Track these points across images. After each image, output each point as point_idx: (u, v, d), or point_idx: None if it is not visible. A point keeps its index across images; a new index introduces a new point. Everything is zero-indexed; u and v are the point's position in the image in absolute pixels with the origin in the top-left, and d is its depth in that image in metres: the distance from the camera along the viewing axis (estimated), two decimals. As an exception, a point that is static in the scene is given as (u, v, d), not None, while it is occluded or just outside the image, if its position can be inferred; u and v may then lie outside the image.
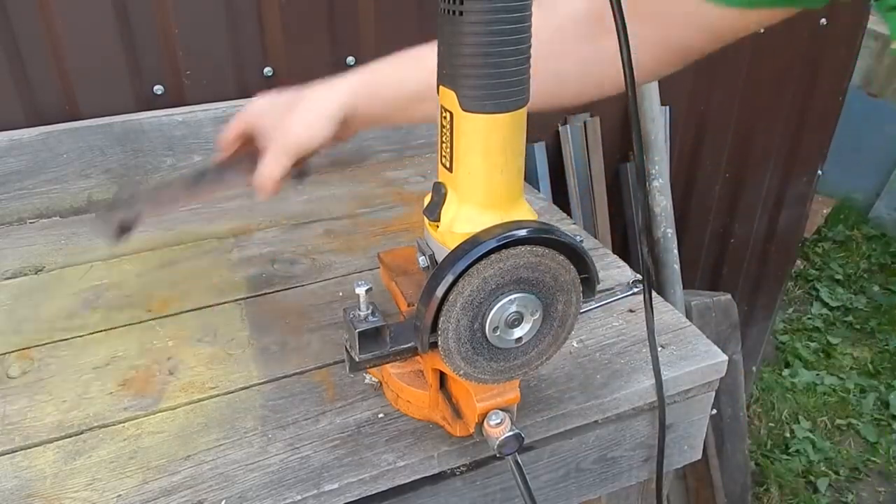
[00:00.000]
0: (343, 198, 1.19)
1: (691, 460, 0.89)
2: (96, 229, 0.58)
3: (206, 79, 1.19)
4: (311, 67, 1.25)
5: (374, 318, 0.62)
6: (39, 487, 0.65)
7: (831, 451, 2.20)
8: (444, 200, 0.60)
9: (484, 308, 0.56)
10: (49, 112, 1.12)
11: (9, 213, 1.10)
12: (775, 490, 2.10)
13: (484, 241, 0.54)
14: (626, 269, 0.97)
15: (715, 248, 2.03)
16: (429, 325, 0.56)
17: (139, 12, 1.11)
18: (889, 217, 3.17)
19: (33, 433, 0.71)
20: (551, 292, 0.59)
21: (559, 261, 0.58)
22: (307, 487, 0.64)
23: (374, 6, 1.25)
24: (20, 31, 1.06)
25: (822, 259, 3.10)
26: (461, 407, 0.66)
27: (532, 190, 1.36)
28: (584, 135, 1.59)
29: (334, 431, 0.70)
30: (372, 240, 1.06)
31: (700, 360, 0.80)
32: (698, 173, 1.84)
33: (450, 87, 0.55)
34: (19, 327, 0.87)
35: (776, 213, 2.05)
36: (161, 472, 0.66)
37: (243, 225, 1.10)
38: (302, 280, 0.96)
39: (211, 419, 0.72)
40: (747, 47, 1.68)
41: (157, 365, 0.80)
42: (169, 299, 0.92)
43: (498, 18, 0.51)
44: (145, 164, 1.16)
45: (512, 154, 0.58)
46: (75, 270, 0.99)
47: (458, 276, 0.54)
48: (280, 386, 0.77)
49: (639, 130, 0.58)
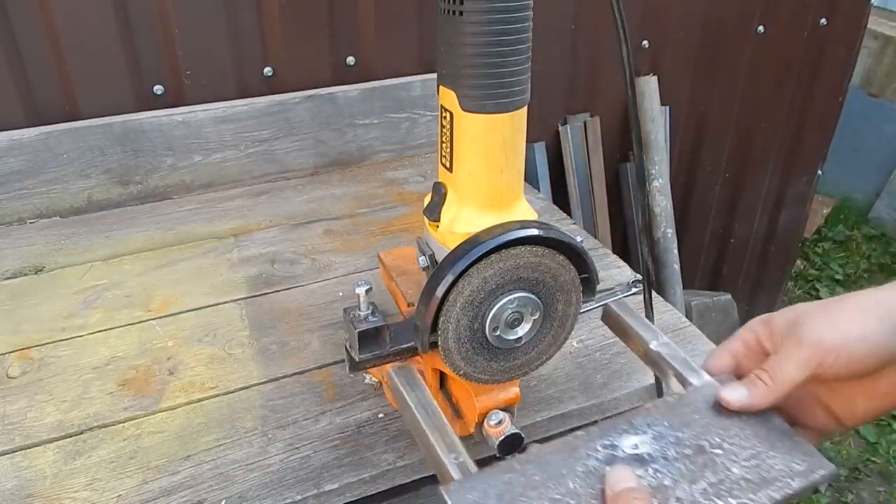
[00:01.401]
0: (343, 198, 1.19)
1: (691, 460, 0.89)
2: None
3: (206, 79, 1.19)
4: (312, 67, 1.25)
5: (374, 318, 0.62)
6: (39, 487, 0.64)
7: (831, 451, 2.20)
8: (444, 200, 0.60)
9: (484, 308, 0.56)
10: (49, 112, 1.12)
11: (9, 213, 1.10)
12: (775, 490, 2.10)
13: (484, 241, 0.54)
14: (626, 269, 0.97)
15: (715, 248, 2.03)
16: (429, 325, 0.56)
17: (139, 12, 1.11)
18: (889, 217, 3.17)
19: (33, 433, 0.71)
20: (551, 292, 0.59)
21: (559, 261, 0.58)
22: (307, 487, 0.64)
23: (374, 6, 1.25)
24: (20, 32, 1.06)
25: (822, 259, 3.10)
26: (461, 407, 0.66)
27: (532, 190, 1.36)
28: (584, 135, 1.59)
29: (334, 431, 0.70)
30: (372, 240, 1.06)
31: (700, 360, 0.80)
32: (698, 173, 1.84)
33: (450, 87, 0.55)
34: (19, 327, 0.87)
35: (776, 213, 2.05)
36: (161, 472, 0.66)
37: (243, 225, 1.10)
38: (302, 280, 0.96)
39: (211, 419, 0.72)
40: (747, 47, 1.68)
41: (157, 365, 0.80)
42: (169, 299, 0.92)
43: (498, 18, 0.51)
44: (145, 164, 1.16)
45: (512, 154, 0.58)
46: (75, 270, 0.99)
47: (458, 276, 0.54)
48: (280, 386, 0.77)
49: (639, 130, 0.58)
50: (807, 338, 0.49)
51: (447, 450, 0.50)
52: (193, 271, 0.98)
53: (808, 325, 0.49)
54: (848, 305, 0.49)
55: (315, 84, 1.24)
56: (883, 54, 3.14)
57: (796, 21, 1.71)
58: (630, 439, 0.49)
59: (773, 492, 0.46)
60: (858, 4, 1.77)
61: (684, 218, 1.88)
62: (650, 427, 0.50)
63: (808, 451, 0.48)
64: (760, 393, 0.50)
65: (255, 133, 1.21)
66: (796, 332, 0.49)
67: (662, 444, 0.48)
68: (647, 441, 0.48)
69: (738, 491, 0.45)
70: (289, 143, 1.24)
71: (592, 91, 1.57)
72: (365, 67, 1.29)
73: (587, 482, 0.45)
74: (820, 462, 0.48)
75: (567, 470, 0.46)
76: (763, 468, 0.47)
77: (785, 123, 1.88)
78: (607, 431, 0.49)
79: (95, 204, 1.15)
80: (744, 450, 0.48)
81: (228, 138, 1.19)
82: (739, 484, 0.46)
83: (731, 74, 1.71)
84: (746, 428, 0.50)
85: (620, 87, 1.59)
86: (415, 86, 1.29)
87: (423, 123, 1.32)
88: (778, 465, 0.47)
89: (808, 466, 0.47)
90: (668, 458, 0.47)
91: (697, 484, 0.45)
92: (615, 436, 0.49)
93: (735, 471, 0.47)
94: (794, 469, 0.47)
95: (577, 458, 0.47)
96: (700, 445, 0.48)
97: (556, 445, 0.48)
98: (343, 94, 1.24)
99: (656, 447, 0.48)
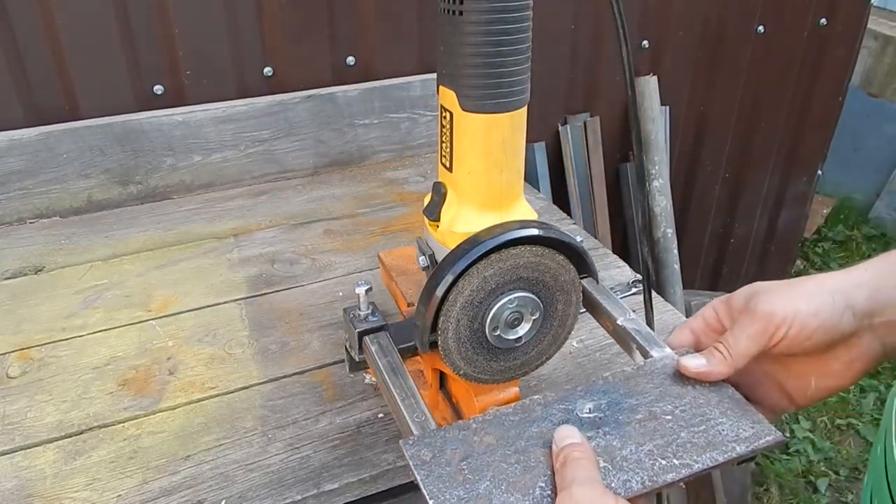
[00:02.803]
0: (343, 198, 1.19)
1: (691, 460, 0.89)
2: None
3: (206, 79, 1.19)
4: (311, 67, 1.25)
5: (374, 318, 0.62)
6: (39, 487, 0.64)
7: (831, 451, 2.20)
8: (444, 200, 0.60)
9: (484, 308, 0.56)
10: (49, 112, 1.12)
11: (9, 213, 1.10)
12: (775, 490, 2.10)
13: (484, 240, 0.54)
14: (626, 269, 0.97)
15: (715, 248, 2.03)
16: (429, 325, 0.56)
17: (139, 12, 1.11)
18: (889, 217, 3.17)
19: (33, 433, 0.71)
20: (551, 292, 0.59)
21: (559, 261, 0.58)
22: (307, 487, 0.64)
23: (374, 6, 1.25)
24: (20, 31, 1.06)
25: (822, 259, 3.09)
26: (461, 407, 0.66)
27: (532, 190, 1.36)
28: (584, 135, 1.59)
29: (334, 431, 0.70)
30: (372, 240, 1.06)
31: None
32: (698, 173, 1.84)
33: (450, 87, 0.55)
34: (19, 327, 0.87)
35: (776, 212, 2.05)
36: (161, 472, 0.66)
37: (243, 225, 1.10)
38: (302, 280, 0.96)
39: (211, 419, 0.72)
40: (747, 47, 1.68)
41: (157, 365, 0.80)
42: (169, 299, 0.92)
43: (498, 18, 0.51)
44: (145, 164, 1.16)
45: (512, 154, 0.58)
46: (75, 270, 0.99)
47: (457, 276, 0.54)
48: (280, 386, 0.77)
49: (639, 130, 0.58)
50: (760, 311, 0.51)
51: (411, 410, 0.53)
52: (193, 271, 0.98)
53: (762, 300, 0.51)
54: (803, 283, 0.52)
55: (315, 84, 1.24)
56: (883, 54, 3.14)
57: (796, 21, 1.71)
58: (585, 404, 0.51)
59: (718, 455, 0.48)
60: (858, 4, 1.77)
61: (684, 218, 1.88)
62: (606, 394, 0.52)
63: (756, 419, 0.51)
64: (717, 361, 0.52)
65: (255, 133, 1.21)
66: (751, 307, 0.52)
67: (615, 410, 0.51)
68: (602, 406, 0.51)
69: (682, 452, 0.48)
70: (289, 143, 1.24)
71: (592, 91, 1.57)
72: (365, 67, 1.29)
73: (538, 442, 0.48)
74: (768, 429, 0.50)
75: (521, 430, 0.49)
76: (711, 433, 0.49)
77: (785, 123, 1.88)
78: (564, 397, 0.52)
79: (95, 204, 1.15)
80: (694, 417, 0.51)
81: (228, 138, 1.19)
82: (685, 447, 0.48)
83: (731, 74, 1.71)
84: (700, 397, 0.52)
85: (620, 87, 1.59)
86: (415, 86, 1.29)
87: (423, 123, 1.32)
88: (726, 431, 0.50)
89: (754, 433, 0.49)
90: (620, 423, 0.50)
91: (644, 446, 0.48)
92: (571, 401, 0.52)
93: (683, 435, 0.49)
94: (741, 435, 0.49)
95: (532, 420, 0.50)
96: (652, 411, 0.51)
97: (515, 407, 0.51)
98: (343, 94, 1.24)
99: (609, 412, 0.50)
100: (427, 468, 0.46)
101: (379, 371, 0.58)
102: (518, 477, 0.46)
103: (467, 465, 0.46)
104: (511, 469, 0.46)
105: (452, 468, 0.46)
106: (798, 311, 0.50)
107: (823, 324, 0.50)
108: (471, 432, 0.49)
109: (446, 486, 0.45)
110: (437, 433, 0.49)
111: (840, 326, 0.50)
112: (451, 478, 0.45)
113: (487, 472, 0.46)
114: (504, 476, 0.46)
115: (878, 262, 0.53)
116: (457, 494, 0.44)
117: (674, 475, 0.46)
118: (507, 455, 0.47)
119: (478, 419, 0.50)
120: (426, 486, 0.45)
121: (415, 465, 0.46)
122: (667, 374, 0.54)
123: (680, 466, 0.47)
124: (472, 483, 0.45)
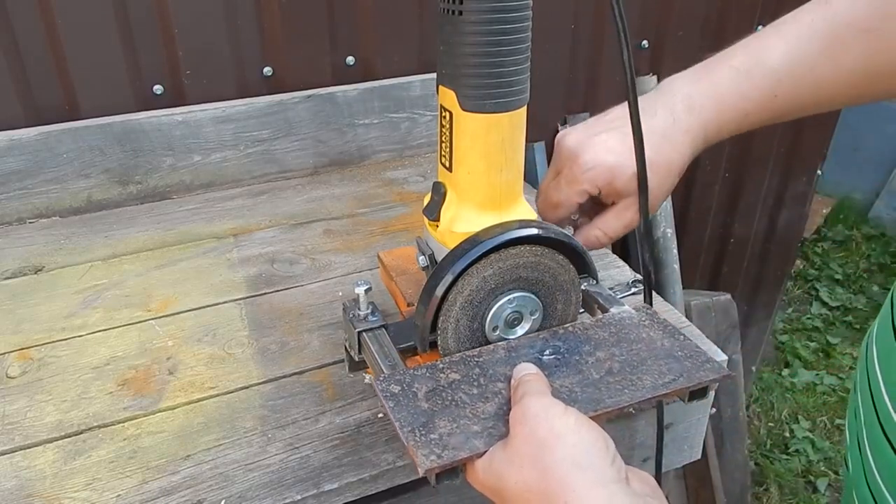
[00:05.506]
0: (343, 198, 1.19)
1: (691, 460, 0.89)
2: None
3: (206, 79, 1.19)
4: (311, 67, 1.25)
5: (373, 318, 0.62)
6: (39, 487, 0.65)
7: (831, 451, 2.20)
8: (443, 200, 0.60)
9: (483, 307, 0.56)
10: (49, 112, 1.12)
11: (9, 213, 1.11)
12: (775, 490, 2.10)
13: (483, 240, 0.54)
14: (625, 269, 0.97)
15: (715, 248, 2.03)
16: (428, 325, 0.56)
17: (139, 12, 1.11)
18: (889, 217, 3.17)
19: (33, 433, 0.71)
20: (551, 292, 0.59)
21: (558, 260, 0.58)
22: (307, 487, 0.64)
23: (374, 6, 1.25)
24: (20, 31, 1.06)
25: (821, 259, 3.10)
26: (461, 407, 0.66)
27: (532, 190, 1.36)
28: (584, 135, 1.59)
29: (334, 431, 0.70)
30: (372, 240, 1.06)
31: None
32: (698, 173, 1.84)
33: (449, 86, 0.55)
34: (19, 327, 0.87)
35: (776, 213, 2.05)
36: (161, 472, 0.66)
37: (243, 225, 1.10)
38: (302, 280, 0.96)
39: (211, 419, 0.72)
40: (747, 47, 1.68)
41: (157, 365, 0.80)
42: (169, 299, 0.92)
43: (498, 18, 0.51)
44: (145, 163, 1.16)
45: (512, 154, 0.58)
46: (75, 270, 0.99)
47: (457, 276, 0.54)
48: (279, 386, 0.77)
49: (639, 130, 0.58)
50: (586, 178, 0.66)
51: (385, 359, 0.58)
52: (193, 271, 0.98)
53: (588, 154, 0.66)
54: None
55: (315, 84, 1.24)
56: (883, 54, 3.13)
57: (796, 21, 1.70)
58: (545, 348, 0.57)
59: (663, 387, 0.53)
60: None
61: (684, 218, 1.88)
62: (563, 342, 0.58)
63: (705, 359, 0.55)
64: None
65: (255, 133, 1.21)
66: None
67: (573, 353, 0.57)
68: (561, 350, 0.57)
69: (631, 386, 0.53)
70: (288, 143, 1.24)
71: (592, 91, 1.57)
72: (365, 67, 1.29)
73: (500, 377, 0.54)
74: (716, 367, 0.55)
75: (485, 368, 0.55)
76: (655, 373, 0.55)
77: (785, 123, 1.87)
78: (528, 343, 0.58)
79: (95, 204, 1.15)
80: (646, 359, 0.56)
81: (228, 138, 1.19)
82: (633, 381, 0.54)
83: (730, 74, 1.71)
84: (653, 343, 0.58)
85: (620, 87, 1.59)
86: (415, 86, 1.29)
87: (423, 123, 1.32)
88: (675, 367, 0.55)
89: (701, 371, 0.54)
90: (576, 363, 0.56)
91: (588, 379, 0.54)
92: (534, 346, 0.58)
93: (633, 371, 0.55)
94: (688, 371, 0.55)
95: (496, 361, 0.56)
96: (607, 353, 0.56)
97: (481, 350, 0.57)
98: (343, 94, 1.24)
99: (567, 355, 0.56)
100: (395, 399, 0.52)
101: (360, 336, 0.62)
102: (478, 404, 0.51)
103: (433, 396, 0.52)
104: (472, 398, 0.52)
105: (419, 399, 0.52)
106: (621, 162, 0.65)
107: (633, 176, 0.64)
108: (437, 370, 0.54)
109: (412, 414, 0.50)
110: (406, 371, 0.55)
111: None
112: (416, 406, 0.51)
113: (451, 401, 0.52)
114: (466, 403, 0.51)
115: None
116: (421, 421, 0.50)
117: (618, 400, 0.52)
118: (470, 388, 0.53)
119: (445, 360, 0.56)
120: (394, 413, 0.50)
121: (384, 397, 0.52)
122: (622, 327, 0.59)
123: (628, 396, 0.52)
124: (437, 410, 0.51)
